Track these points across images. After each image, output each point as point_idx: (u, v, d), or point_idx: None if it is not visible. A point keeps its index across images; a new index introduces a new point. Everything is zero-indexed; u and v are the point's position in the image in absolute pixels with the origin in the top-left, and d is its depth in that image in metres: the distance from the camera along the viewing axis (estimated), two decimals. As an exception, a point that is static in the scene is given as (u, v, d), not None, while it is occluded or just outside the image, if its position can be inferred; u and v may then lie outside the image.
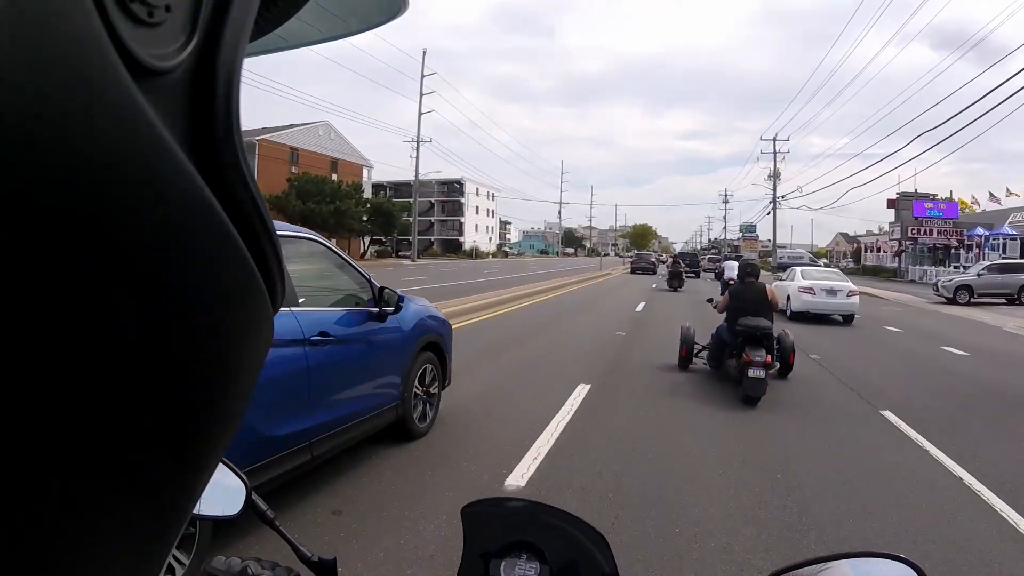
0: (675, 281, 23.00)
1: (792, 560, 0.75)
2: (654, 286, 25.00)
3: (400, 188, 63.73)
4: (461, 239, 73.88)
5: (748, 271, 6.68)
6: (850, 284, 14.29)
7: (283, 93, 72.74)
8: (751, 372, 5.63)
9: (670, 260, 29.20)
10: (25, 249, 0.18)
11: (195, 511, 0.27)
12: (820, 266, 23.34)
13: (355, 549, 2.77)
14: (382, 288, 3.95)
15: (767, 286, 6.54)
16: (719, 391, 6.28)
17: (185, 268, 0.22)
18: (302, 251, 3.54)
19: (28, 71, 0.17)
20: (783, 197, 41.30)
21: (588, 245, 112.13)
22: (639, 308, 15.56)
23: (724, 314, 6.67)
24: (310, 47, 0.43)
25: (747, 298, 6.38)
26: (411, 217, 45.11)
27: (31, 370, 0.18)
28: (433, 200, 73.73)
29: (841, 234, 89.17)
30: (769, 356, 5.86)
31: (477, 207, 79.26)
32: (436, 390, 4.58)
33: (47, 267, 0.18)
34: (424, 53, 41.09)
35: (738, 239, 75.83)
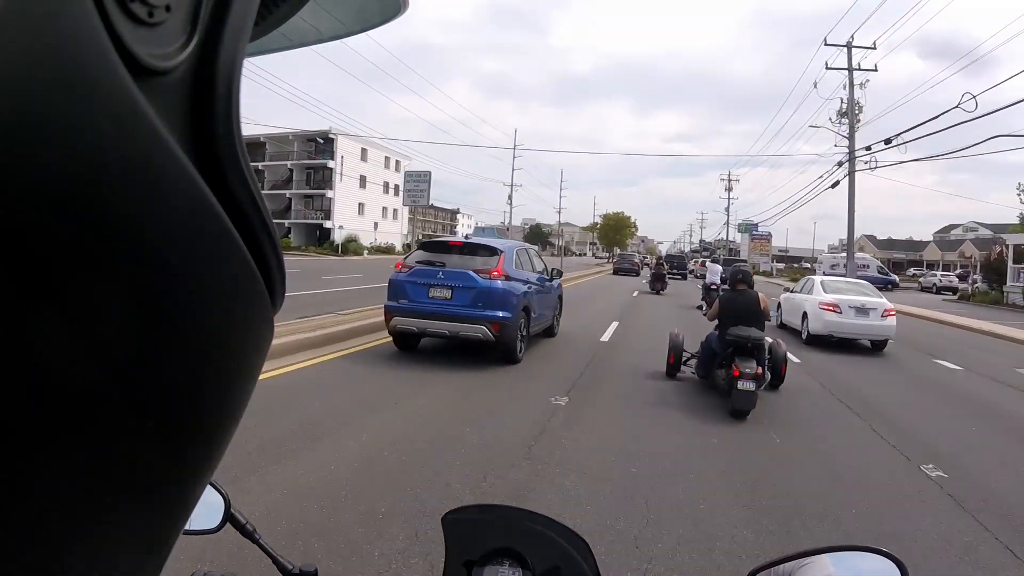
0: (658, 283, 22.91)
1: (773, 556, 0.75)
2: (636, 294, 22.23)
3: (252, 147, 44.90)
4: (329, 224, 48.50)
5: (740, 278, 6.58)
6: (885, 301, 11.35)
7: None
8: (740, 384, 5.55)
9: (654, 262, 30.04)
10: (25, 249, 0.18)
11: None
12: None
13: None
14: (553, 269, 9.94)
15: (759, 294, 6.44)
16: (707, 402, 6.18)
17: (185, 268, 0.22)
18: (531, 252, 9.37)
19: (28, 71, 0.17)
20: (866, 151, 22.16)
21: (558, 243, 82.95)
22: (605, 337, 10.32)
23: (715, 322, 6.57)
24: (310, 47, 0.43)
25: (738, 307, 6.29)
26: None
27: (32, 370, 0.18)
28: (291, 165, 50.11)
29: (866, 236, 75.09)
30: (760, 368, 5.77)
31: (363, 177, 51.34)
32: (559, 318, 10.30)
33: (47, 267, 0.18)
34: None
35: (733, 242, 67.16)
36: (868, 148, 21.73)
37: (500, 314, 7.14)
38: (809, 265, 61.85)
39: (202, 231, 0.23)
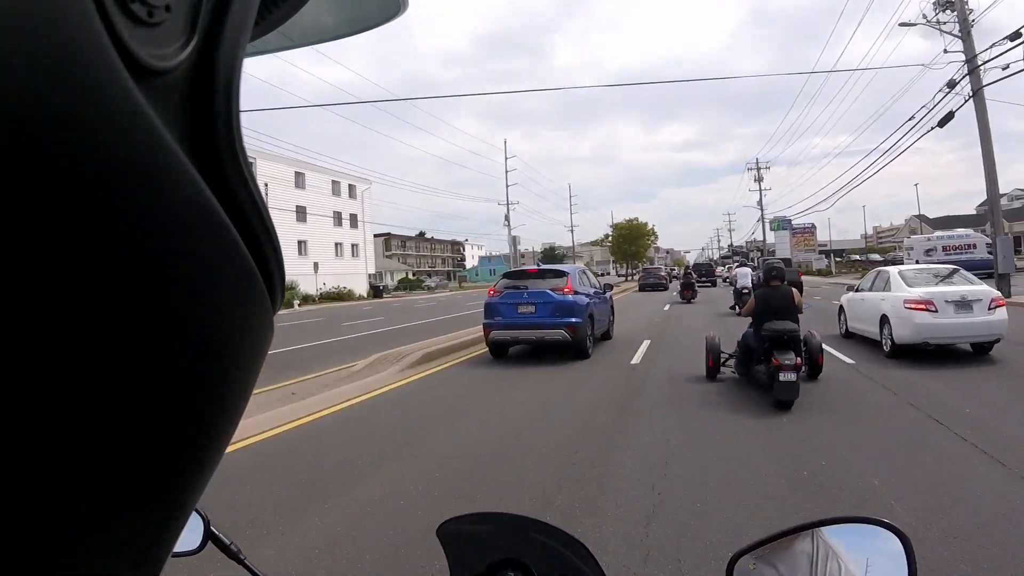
0: (688, 292, 23.26)
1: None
2: (667, 307, 20.74)
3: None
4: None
5: (773, 274, 6.67)
6: (990, 289, 8.35)
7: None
8: (782, 376, 5.57)
9: (682, 272, 29.25)
10: (26, 249, 0.17)
11: None
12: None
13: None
14: (605, 284, 12.36)
15: (792, 289, 6.52)
16: (750, 398, 6.21)
17: (185, 268, 0.22)
18: (588, 272, 11.76)
19: (28, 71, 0.17)
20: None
21: (574, 264, 58.25)
22: (640, 351, 9.75)
23: (750, 319, 6.65)
24: (310, 46, 0.42)
25: (773, 302, 6.35)
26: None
27: (33, 370, 0.18)
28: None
29: (918, 216, 64.42)
30: (799, 359, 5.80)
31: (300, 208, 42.05)
32: (613, 324, 12.02)
33: (47, 267, 0.18)
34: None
35: (764, 243, 56.61)
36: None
37: (573, 320, 9.32)
38: (875, 258, 51.75)
39: (202, 231, 0.22)
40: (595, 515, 3.47)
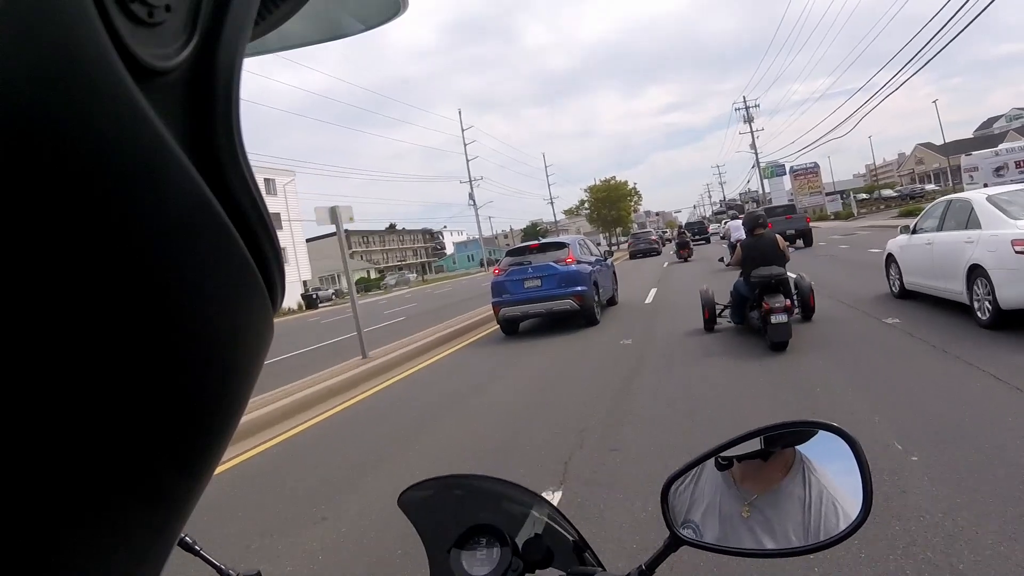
0: (684, 251, 23.53)
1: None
2: (665, 265, 21.23)
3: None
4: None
5: (757, 224, 6.90)
6: None
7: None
8: (774, 319, 5.72)
9: (676, 232, 29.20)
10: (25, 249, 0.17)
11: None
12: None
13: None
14: (605, 251, 14.94)
15: (776, 236, 6.66)
16: (746, 343, 6.39)
17: (185, 268, 0.22)
18: (588, 241, 11.94)
19: (28, 71, 0.17)
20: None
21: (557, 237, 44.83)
22: (648, 300, 11.40)
23: (740, 269, 6.79)
24: (310, 46, 0.41)
25: (759, 250, 6.48)
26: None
27: (32, 371, 0.18)
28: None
29: (922, 145, 63.45)
30: (788, 301, 5.96)
31: None
32: (617, 290, 12.03)
33: (47, 267, 0.18)
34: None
35: (758, 193, 52.18)
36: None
37: (579, 288, 9.31)
38: (888, 194, 46.48)
39: (202, 231, 0.22)
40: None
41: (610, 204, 64.14)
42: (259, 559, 3.04)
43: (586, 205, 66.84)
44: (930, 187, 43.16)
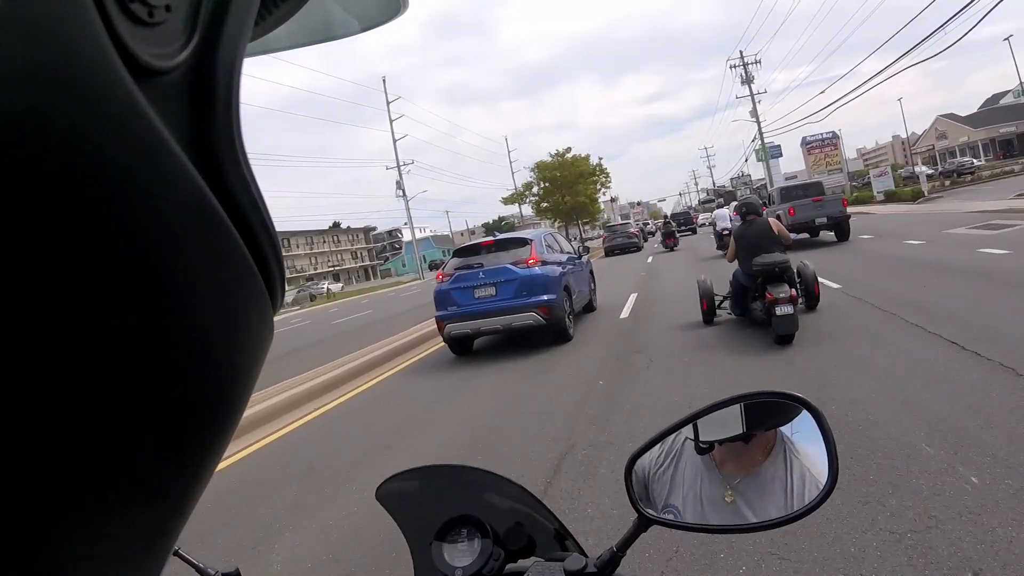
0: (670, 240, 23.81)
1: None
2: (650, 259, 19.42)
3: None
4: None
5: (747, 209, 6.59)
6: None
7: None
8: (779, 310, 5.44)
9: (661, 223, 28.96)
10: (25, 250, 0.18)
11: None
12: None
13: None
14: (579, 246, 13.94)
15: (770, 219, 6.39)
16: (750, 336, 6.18)
17: (185, 268, 0.22)
18: (557, 235, 9.83)
19: (28, 71, 0.17)
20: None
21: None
22: (628, 307, 9.43)
23: (736, 260, 6.54)
24: (310, 46, 0.42)
25: (753, 237, 6.23)
26: None
27: (32, 372, 0.18)
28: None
29: (945, 116, 57.75)
30: (793, 290, 5.69)
31: None
32: (595, 292, 10.31)
33: (46, 268, 0.18)
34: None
35: (750, 177, 47.74)
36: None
37: (545, 297, 7.28)
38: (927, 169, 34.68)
39: (202, 231, 0.22)
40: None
41: (566, 186, 44.36)
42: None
43: (534, 190, 47.44)
44: (978, 162, 36.58)
